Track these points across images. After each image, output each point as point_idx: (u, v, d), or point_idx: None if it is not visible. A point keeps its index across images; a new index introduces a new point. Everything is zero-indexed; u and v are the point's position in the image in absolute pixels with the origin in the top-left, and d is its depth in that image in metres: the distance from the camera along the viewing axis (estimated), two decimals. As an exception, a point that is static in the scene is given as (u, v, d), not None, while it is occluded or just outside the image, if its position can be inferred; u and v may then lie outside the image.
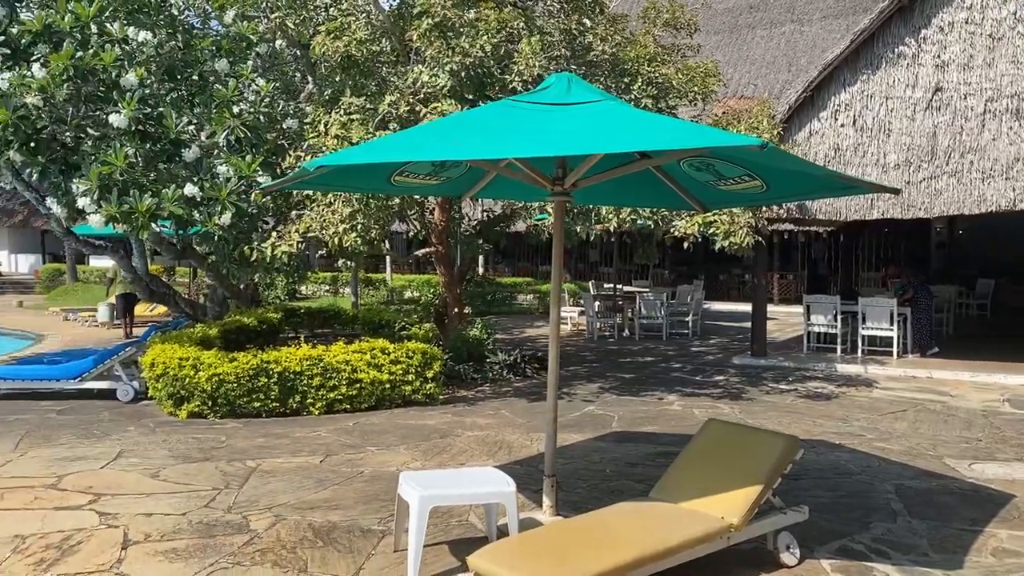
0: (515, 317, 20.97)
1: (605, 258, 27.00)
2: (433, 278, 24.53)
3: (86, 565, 4.58)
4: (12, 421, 8.40)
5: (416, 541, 4.27)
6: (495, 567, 3.74)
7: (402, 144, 4.33)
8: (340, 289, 25.15)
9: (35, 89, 7.70)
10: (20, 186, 10.30)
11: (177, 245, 11.65)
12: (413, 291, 23.87)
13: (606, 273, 25.67)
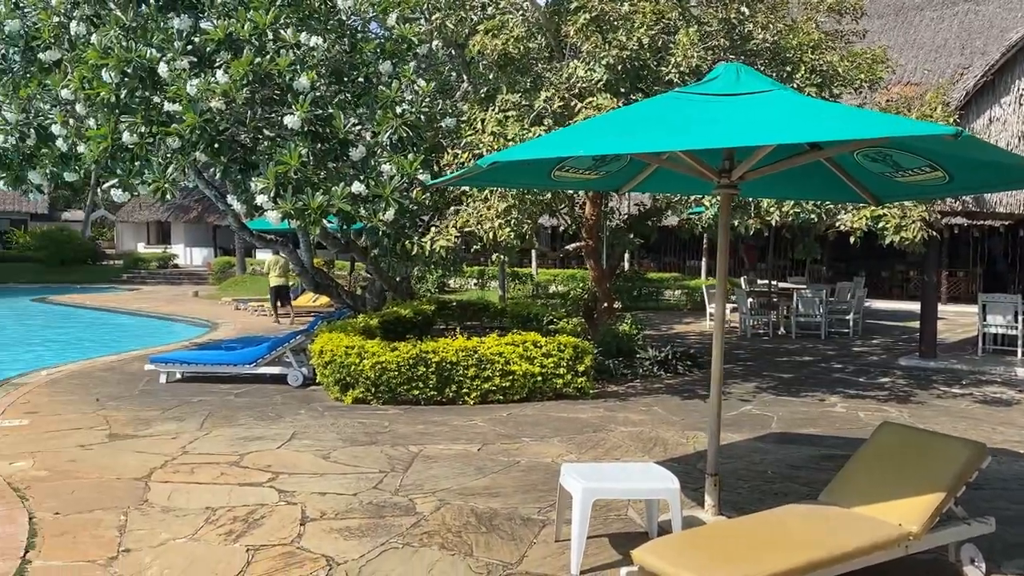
0: (662, 313, 20.69)
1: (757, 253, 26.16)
2: (578, 272, 24.58)
3: (270, 538, 4.91)
4: (196, 402, 9.10)
5: (579, 532, 4.31)
6: (662, 562, 3.72)
7: (573, 139, 4.37)
8: (486, 283, 25.64)
9: (219, 94, 8.28)
10: (202, 184, 11.12)
11: (341, 240, 12.25)
12: (558, 285, 24.01)
13: (759, 268, 24.88)
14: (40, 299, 26.71)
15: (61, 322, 21.99)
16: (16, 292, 29.73)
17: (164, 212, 39.80)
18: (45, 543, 4.87)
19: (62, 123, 8.98)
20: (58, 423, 8.10)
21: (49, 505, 5.55)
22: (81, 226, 42.60)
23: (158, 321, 20.71)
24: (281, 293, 18.62)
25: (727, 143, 3.99)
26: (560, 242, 24.58)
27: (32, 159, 9.78)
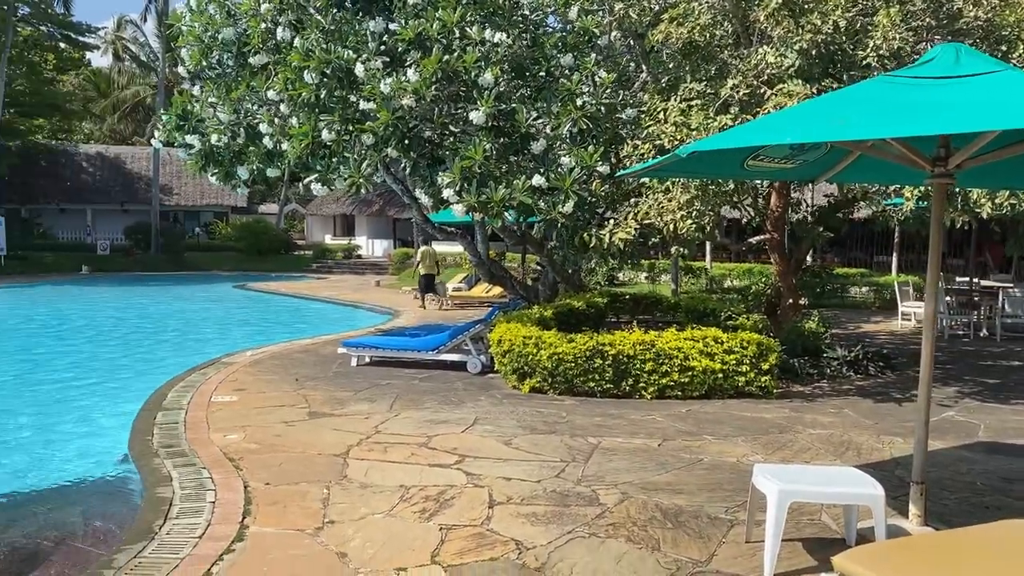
0: (848, 311, 19.61)
1: (953, 248, 24.22)
2: (755, 267, 23.75)
3: (460, 518, 5.08)
4: (384, 385, 9.57)
5: (773, 534, 4.17)
6: (868, 572, 3.52)
7: (779, 126, 4.22)
8: (657, 277, 25.29)
9: (410, 92, 8.64)
10: (389, 179, 11.65)
11: (517, 232, 12.48)
12: (733, 280, 23.30)
13: (955, 265, 23.05)
14: (240, 286, 29.00)
15: (259, 307, 23.79)
16: (220, 279, 32.42)
17: (349, 206, 42.07)
18: (259, 510, 5.29)
19: (268, 122, 9.68)
20: (263, 400, 8.76)
21: (260, 476, 6.02)
22: (275, 218, 45.86)
23: (345, 308, 21.94)
24: (429, 282, 20.53)
25: (951, 129, 3.71)
26: (734, 236, 23.83)
27: (241, 156, 10.62)
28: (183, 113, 10.74)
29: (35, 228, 39.65)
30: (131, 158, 44.55)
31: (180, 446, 6.89)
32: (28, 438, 8.33)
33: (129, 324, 19.32)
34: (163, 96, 37.06)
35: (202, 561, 4.47)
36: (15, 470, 7.13)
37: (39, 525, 5.74)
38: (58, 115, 43.68)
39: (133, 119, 53.74)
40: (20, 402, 10.07)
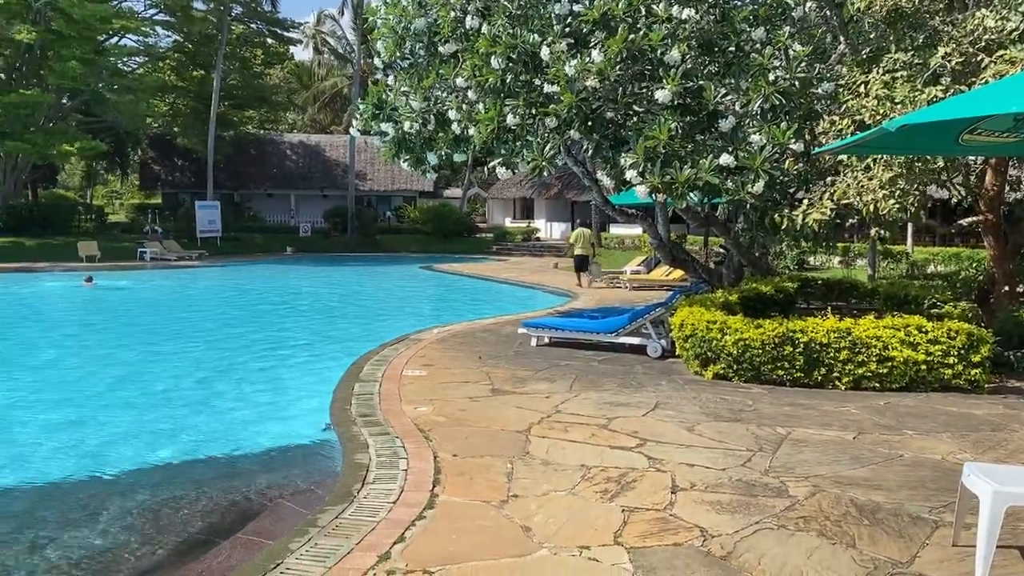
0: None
1: None
2: (964, 251, 21.90)
3: (642, 501, 5.06)
4: (563, 366, 9.67)
5: (987, 540, 3.85)
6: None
7: (1005, 95, 3.85)
8: (852, 261, 23.85)
9: (594, 73, 8.61)
10: (570, 161, 11.68)
11: (701, 213, 12.17)
12: (937, 265, 21.57)
13: None
14: (427, 267, 30.25)
15: (444, 287, 24.73)
16: (408, 260, 33.99)
17: (529, 189, 42.74)
18: (447, 480, 5.52)
19: (456, 108, 9.98)
20: (449, 376, 9.11)
21: (448, 448, 6.27)
22: (459, 202, 47.39)
23: (524, 289, 22.36)
24: (583, 262, 21.40)
25: None
26: (939, 217, 22.03)
27: (430, 142, 11.02)
28: (378, 102, 11.28)
29: (246, 212, 43.23)
30: (330, 146, 47.51)
31: (375, 416, 7.31)
32: (242, 403, 9.13)
33: (328, 300, 20.69)
34: (359, 86, 39.17)
35: (396, 525, 4.72)
36: (232, 432, 7.84)
37: (253, 483, 6.28)
38: (266, 107, 47.26)
39: (332, 109, 57.22)
40: (235, 370, 11.05)
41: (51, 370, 11.28)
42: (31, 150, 31.35)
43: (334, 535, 4.63)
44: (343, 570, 4.16)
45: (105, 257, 29.12)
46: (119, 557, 4.88)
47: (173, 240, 33.63)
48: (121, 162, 48.89)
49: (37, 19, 31.33)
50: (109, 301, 20.42)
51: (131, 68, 39.20)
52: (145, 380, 10.40)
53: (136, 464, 6.82)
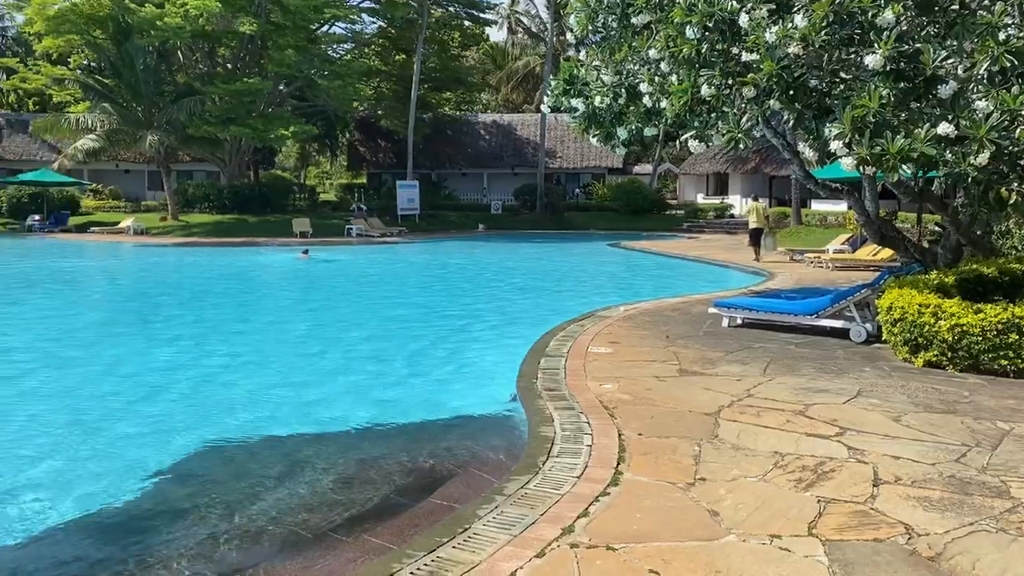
0: None
1: None
2: None
3: (840, 493, 4.76)
4: (757, 348, 9.29)
5: None
6: None
7: None
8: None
9: (797, 39, 8.11)
10: (769, 133, 11.13)
11: (915, 188, 11.23)
12: None
13: None
14: (614, 244, 30.10)
15: (632, 264, 24.52)
16: (595, 237, 33.99)
17: (723, 164, 41.35)
18: (632, 459, 5.47)
19: (648, 81, 9.77)
20: (635, 354, 9.02)
21: (633, 426, 6.21)
22: (649, 179, 46.68)
23: (715, 268, 21.70)
24: (757, 235, 21.81)
25: None
26: None
27: (621, 117, 10.88)
28: (569, 78, 11.27)
29: (442, 191, 44.92)
30: (521, 125, 48.29)
31: (560, 391, 7.37)
32: (433, 372, 9.52)
33: (515, 276, 21.12)
34: (551, 64, 39.46)
35: (580, 500, 4.74)
36: (423, 399, 8.20)
37: (443, 449, 6.53)
38: (462, 88, 48.76)
39: (524, 88, 58.05)
40: (428, 339, 11.54)
41: (271, 331, 12.32)
42: (252, 134, 34.17)
43: (519, 505, 4.72)
44: (527, 539, 4.23)
45: (316, 233, 31.33)
46: (317, 511, 5.24)
47: (376, 218, 35.58)
48: (331, 144, 52.22)
49: (258, 12, 33.98)
50: (322, 272, 22.02)
51: (340, 55, 41.74)
52: (348, 345, 11.12)
53: (337, 425, 7.29)
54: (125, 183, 44.11)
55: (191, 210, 37.66)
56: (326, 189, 58.34)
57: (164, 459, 6.30)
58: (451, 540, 4.28)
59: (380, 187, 44.85)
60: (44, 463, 6.29)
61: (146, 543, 4.80)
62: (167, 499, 5.59)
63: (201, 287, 19.27)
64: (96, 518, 5.24)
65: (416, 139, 40.71)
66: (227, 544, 4.74)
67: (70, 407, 7.98)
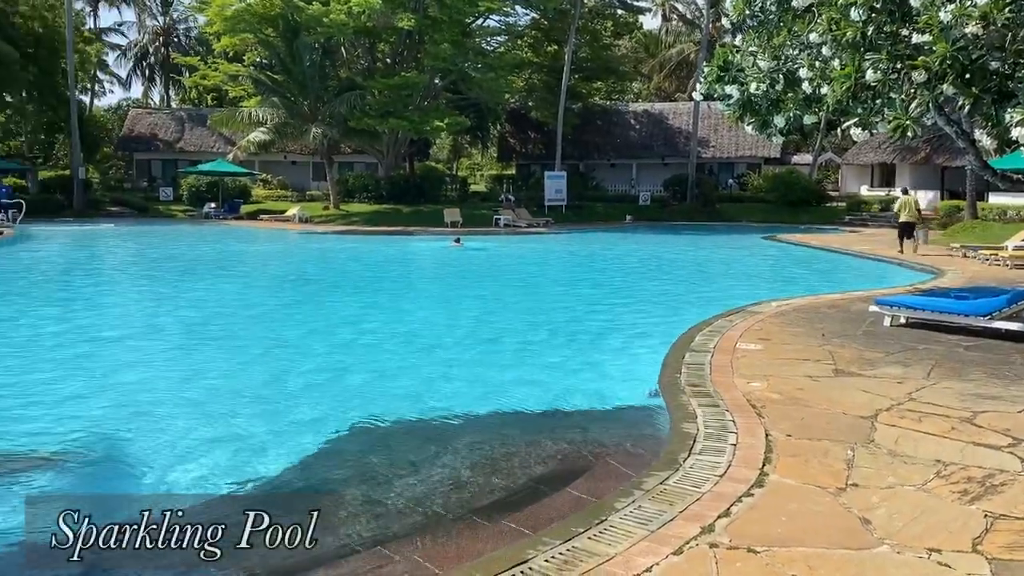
0: None
1: None
2: None
3: (1012, 509, 4.39)
4: (921, 349, 8.70)
5: None
6: None
7: None
8: None
9: (976, 18, 7.50)
10: (941, 121, 10.34)
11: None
12: None
13: None
14: (769, 237, 29.00)
15: (786, 258, 23.56)
16: (749, 230, 32.88)
17: (890, 153, 38.93)
18: (779, 460, 5.26)
19: (808, 66, 9.32)
20: (787, 352, 8.66)
21: (781, 427, 5.97)
22: (808, 169, 44.64)
23: (878, 264, 20.48)
24: (908, 229, 21.54)
25: None
26: None
27: (778, 104, 10.45)
28: (724, 64, 10.93)
29: (589, 181, 44.78)
30: (672, 114, 47.36)
31: (705, 387, 7.19)
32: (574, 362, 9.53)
33: (663, 268, 20.80)
34: (705, 51, 38.45)
35: (722, 499, 4.61)
36: (563, 389, 8.22)
37: (581, 440, 6.54)
38: (613, 77, 48.39)
39: (677, 76, 56.92)
40: (571, 329, 11.56)
41: (424, 315, 12.75)
42: (409, 126, 35.30)
43: (658, 500, 4.65)
44: (665, 536, 4.16)
45: (466, 223, 32.03)
46: (456, 493, 5.37)
47: (524, 208, 35.95)
48: (482, 136, 53.17)
49: (416, 7, 35.02)
50: (473, 260, 22.58)
51: (493, 47, 42.36)
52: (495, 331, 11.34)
53: (479, 409, 7.44)
54: (291, 174, 46.69)
55: (351, 200, 39.41)
56: (476, 180, 59.52)
57: (320, 435, 6.65)
58: (586, 531, 4.27)
59: (528, 178, 45.27)
60: (213, 432, 6.78)
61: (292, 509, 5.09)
62: (319, 473, 5.91)
63: (364, 271, 20.33)
64: (250, 487, 5.60)
65: (565, 130, 40.75)
66: (371, 518, 4.94)
67: (240, 380, 8.57)
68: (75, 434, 6.65)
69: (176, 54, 55.68)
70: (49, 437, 6.58)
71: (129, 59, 61.31)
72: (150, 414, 7.31)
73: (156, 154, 47.76)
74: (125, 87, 59.82)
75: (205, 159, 41.87)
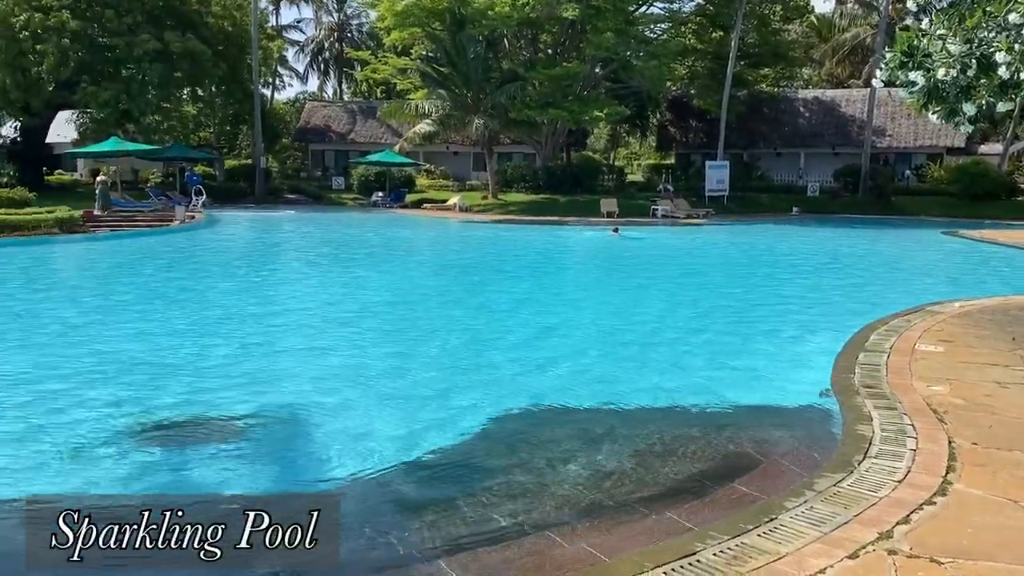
0: None
1: None
2: None
3: None
4: None
5: None
6: None
7: None
8: None
9: None
10: None
11: None
12: None
13: None
14: (950, 232, 27.05)
15: (971, 256, 21.92)
16: (927, 224, 30.80)
17: (1095, 143, 35.31)
18: (964, 469, 4.97)
19: (1007, 50, 8.65)
20: (971, 355, 8.11)
21: (966, 434, 5.62)
22: (997, 160, 41.18)
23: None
24: None
25: None
26: None
27: (968, 91, 9.75)
28: (908, 49, 10.30)
29: (753, 171, 43.32)
30: (845, 101, 45.00)
31: (880, 388, 6.87)
32: (741, 358, 9.31)
33: (834, 263, 19.88)
34: (884, 35, 36.26)
35: (901, 505, 4.43)
36: (732, 384, 8.06)
37: (747, 437, 6.41)
38: (781, 63, 46.38)
39: (851, 62, 53.96)
40: (736, 324, 11.31)
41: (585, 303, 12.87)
42: (568, 116, 35.45)
43: (831, 502, 4.52)
44: (839, 539, 4.05)
45: (621, 213, 31.86)
46: (620, 481, 5.42)
47: (682, 199, 35.31)
48: (641, 125, 52.56)
49: (580, -3, 35.11)
50: (632, 250, 22.53)
51: (656, 35, 41.73)
52: (657, 322, 11.27)
53: (640, 400, 7.43)
54: (453, 164, 48.03)
55: (508, 189, 40.09)
56: (633, 170, 58.91)
57: (481, 417, 6.89)
58: (755, 528, 4.22)
59: (688, 167, 44.37)
60: (386, 410, 7.18)
61: (465, 488, 5.34)
62: (485, 452, 6.13)
63: (527, 259, 20.80)
64: (420, 461, 5.91)
65: (729, 117, 39.58)
66: (536, 502, 5.08)
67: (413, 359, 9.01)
68: (260, 402, 7.24)
69: (349, 49, 58.54)
70: (241, 405, 7.19)
71: (306, 54, 65.01)
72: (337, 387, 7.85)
73: (329, 145, 50.43)
74: (302, 81, 63.81)
75: (374, 150, 43.76)
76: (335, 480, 5.57)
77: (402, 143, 38.80)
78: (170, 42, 33.33)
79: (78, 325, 10.78)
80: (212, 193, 34.15)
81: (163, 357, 8.91)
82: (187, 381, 7.87)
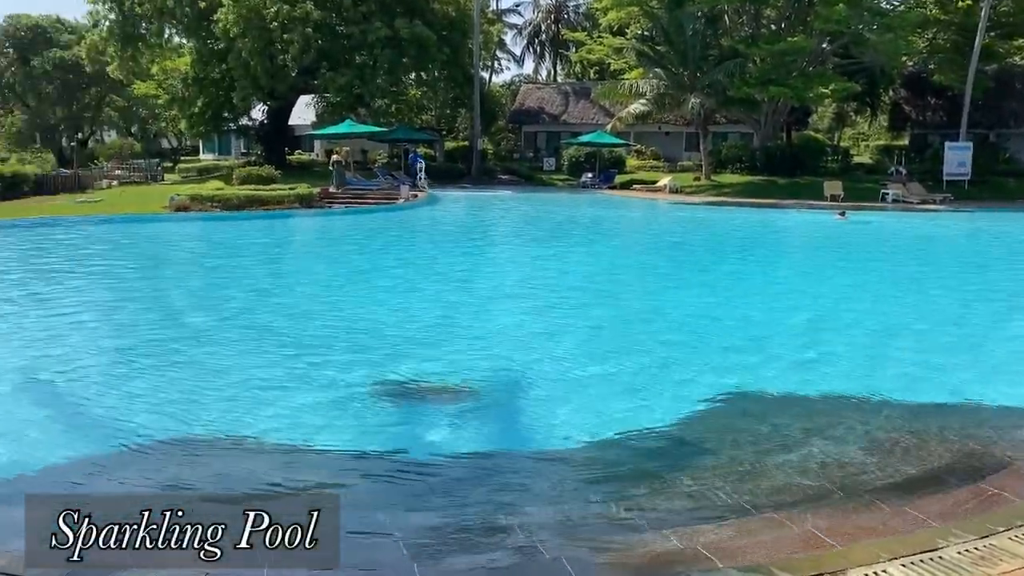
0: None
1: None
2: None
3: None
4: None
5: None
6: None
7: None
8: None
9: None
10: None
11: None
12: None
13: None
14: None
15: None
16: None
17: None
18: None
19: None
20: None
21: None
22: None
23: None
24: None
25: None
26: None
27: None
28: None
29: (1000, 153, 39.19)
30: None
31: None
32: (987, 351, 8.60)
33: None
34: None
35: None
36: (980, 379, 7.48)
37: (995, 437, 5.94)
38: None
39: None
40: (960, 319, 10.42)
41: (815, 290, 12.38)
42: (790, 94, 33.78)
43: (1099, 512, 4.10)
44: (1109, 551, 3.68)
45: (847, 196, 29.99)
46: (851, 475, 5.21)
47: (917, 183, 32.65)
48: (871, 103, 49.07)
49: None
50: (860, 235, 21.30)
51: (893, 5, 38.70)
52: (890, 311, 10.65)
53: (873, 392, 7.06)
54: (664, 144, 47.32)
55: (722, 170, 38.95)
56: (860, 151, 55.09)
57: (704, 396, 6.85)
58: (1007, 531, 3.93)
59: (924, 149, 40.85)
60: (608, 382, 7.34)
61: (679, 464, 5.40)
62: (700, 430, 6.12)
63: (745, 243, 20.28)
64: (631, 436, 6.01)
65: (974, 95, 35.97)
66: (759, 483, 5.02)
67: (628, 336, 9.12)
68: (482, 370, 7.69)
69: (565, 30, 59.15)
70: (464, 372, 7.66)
71: (523, 37, 66.43)
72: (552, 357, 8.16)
73: (542, 126, 51.36)
74: (519, 64, 65.69)
75: (585, 131, 44.03)
76: (569, 440, 5.84)
77: (614, 123, 38.74)
78: (399, 28, 35.27)
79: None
80: (432, 173, 35.87)
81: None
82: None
